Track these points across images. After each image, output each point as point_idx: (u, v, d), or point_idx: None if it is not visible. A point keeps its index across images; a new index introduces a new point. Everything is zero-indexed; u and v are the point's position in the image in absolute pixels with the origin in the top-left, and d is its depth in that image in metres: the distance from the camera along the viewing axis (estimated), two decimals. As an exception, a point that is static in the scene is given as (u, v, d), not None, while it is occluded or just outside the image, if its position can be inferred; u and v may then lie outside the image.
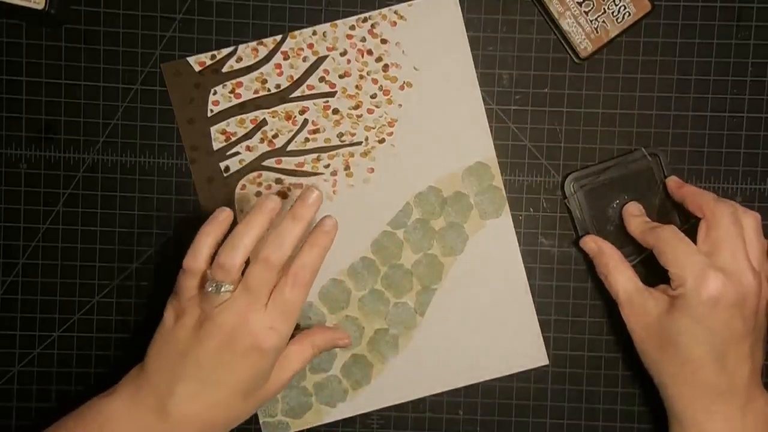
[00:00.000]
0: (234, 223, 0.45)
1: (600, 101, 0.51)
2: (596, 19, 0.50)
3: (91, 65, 0.50)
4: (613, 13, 0.50)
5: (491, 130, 0.51)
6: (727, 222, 0.44)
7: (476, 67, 0.50)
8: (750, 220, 0.45)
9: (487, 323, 0.51)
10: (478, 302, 0.51)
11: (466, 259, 0.51)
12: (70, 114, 0.50)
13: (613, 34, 0.50)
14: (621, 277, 0.47)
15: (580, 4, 0.50)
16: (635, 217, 0.48)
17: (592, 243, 0.49)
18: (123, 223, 0.51)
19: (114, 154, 0.50)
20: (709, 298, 0.42)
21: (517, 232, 0.51)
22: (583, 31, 0.50)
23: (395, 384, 0.51)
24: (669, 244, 0.45)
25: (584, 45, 0.50)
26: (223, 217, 0.44)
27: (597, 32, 0.50)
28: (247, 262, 0.44)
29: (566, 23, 0.50)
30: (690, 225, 0.47)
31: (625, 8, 0.50)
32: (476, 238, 0.51)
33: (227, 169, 0.50)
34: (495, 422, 0.51)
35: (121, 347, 0.51)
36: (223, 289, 0.42)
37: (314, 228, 0.45)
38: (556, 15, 0.50)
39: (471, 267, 0.51)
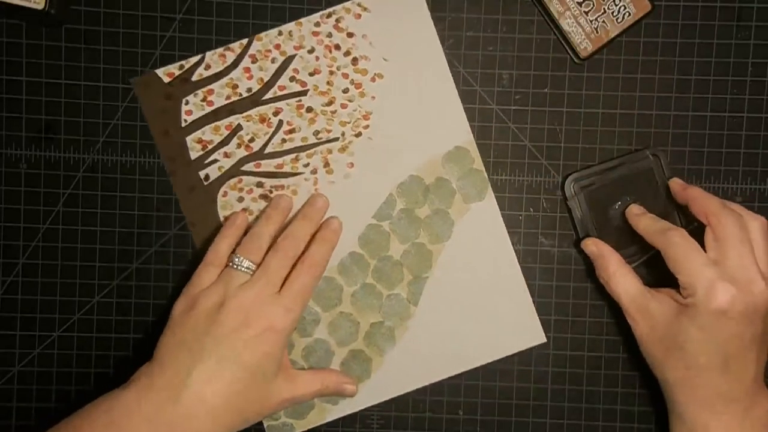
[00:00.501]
0: (214, 233, 0.49)
1: (600, 101, 0.51)
2: (596, 19, 0.50)
3: (91, 65, 0.50)
4: (613, 13, 0.50)
5: (491, 131, 0.51)
6: (734, 230, 0.44)
7: (476, 67, 0.50)
8: (756, 224, 0.45)
9: (482, 306, 0.51)
10: (470, 286, 0.51)
11: (454, 245, 0.51)
12: (70, 114, 0.50)
13: (613, 34, 0.50)
14: (623, 280, 0.47)
15: (580, 4, 0.50)
16: (640, 215, 0.48)
17: (592, 246, 0.48)
18: (123, 223, 0.51)
19: (114, 154, 0.50)
20: (719, 310, 0.42)
21: (517, 232, 0.51)
22: (583, 31, 0.50)
23: (396, 375, 0.51)
24: (679, 250, 0.44)
25: (584, 45, 0.50)
26: (240, 221, 0.49)
27: (597, 32, 0.50)
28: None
29: (566, 23, 0.50)
30: (694, 227, 0.47)
31: (625, 8, 0.50)
32: (462, 223, 0.51)
33: (207, 177, 0.50)
34: (495, 422, 0.51)
35: (121, 347, 0.51)
36: (245, 265, 0.46)
37: (322, 226, 0.49)
38: (556, 15, 0.50)
39: (460, 252, 0.51)
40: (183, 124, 0.50)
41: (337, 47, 0.50)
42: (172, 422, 0.42)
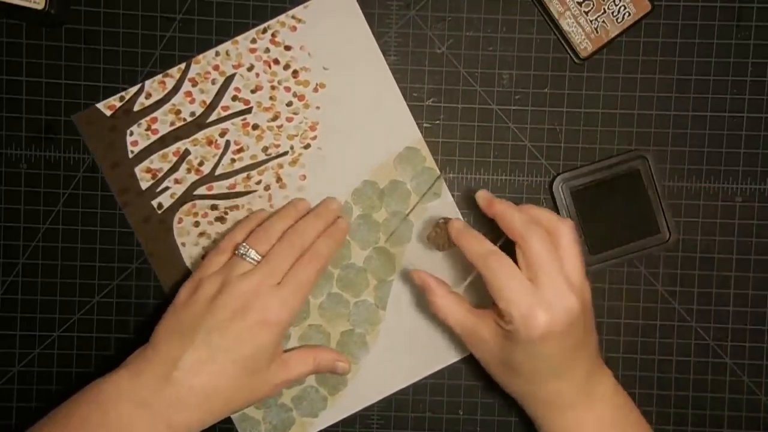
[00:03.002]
0: (173, 260, 0.50)
1: (600, 101, 0.51)
2: (596, 19, 0.50)
3: (91, 65, 0.50)
4: (613, 13, 0.50)
5: (491, 131, 0.51)
6: (541, 249, 0.42)
7: (476, 67, 0.50)
8: (565, 228, 0.44)
9: None
10: None
11: (415, 245, 0.51)
12: (70, 114, 0.50)
13: (613, 34, 0.50)
14: (450, 309, 0.46)
15: (580, 4, 0.50)
16: (462, 232, 0.46)
17: (417, 279, 0.47)
18: (123, 223, 0.51)
19: (114, 154, 0.50)
20: (537, 335, 0.42)
21: (517, 232, 0.51)
22: (583, 31, 0.50)
23: (373, 381, 0.51)
24: (496, 276, 0.43)
25: (584, 45, 0.50)
26: (261, 216, 0.49)
27: (597, 32, 0.50)
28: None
29: (566, 23, 0.50)
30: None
31: (625, 8, 0.50)
32: (421, 223, 0.51)
33: (160, 206, 0.50)
34: (495, 422, 0.51)
35: (121, 347, 0.51)
36: (251, 254, 0.45)
37: (332, 225, 0.49)
38: (556, 15, 0.50)
39: (422, 251, 0.51)
40: (130, 155, 0.50)
41: (276, 61, 0.50)
42: (159, 408, 0.42)
